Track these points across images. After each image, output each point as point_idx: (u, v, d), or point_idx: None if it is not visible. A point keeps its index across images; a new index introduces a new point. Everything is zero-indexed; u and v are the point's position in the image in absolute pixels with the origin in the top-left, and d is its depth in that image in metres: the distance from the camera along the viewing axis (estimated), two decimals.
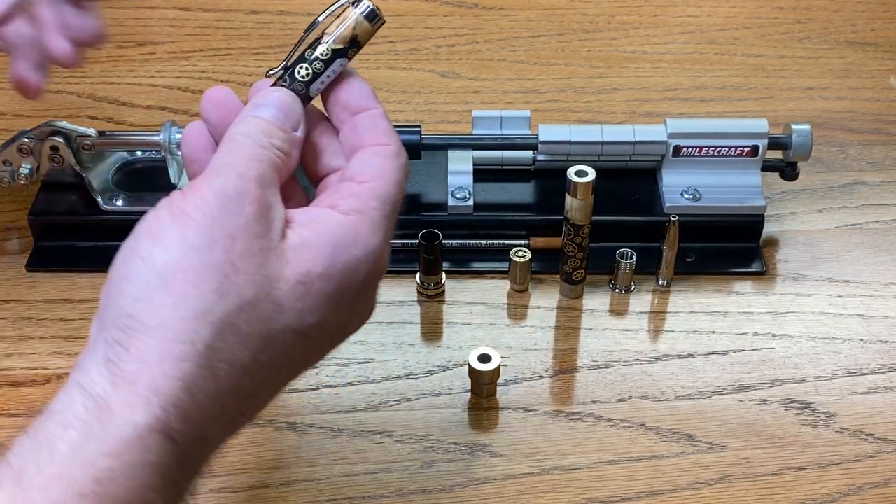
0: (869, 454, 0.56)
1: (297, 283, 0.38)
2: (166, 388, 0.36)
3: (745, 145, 0.67)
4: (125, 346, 0.36)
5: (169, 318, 0.36)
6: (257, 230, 0.38)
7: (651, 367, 0.61)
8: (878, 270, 0.67)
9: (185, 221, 0.38)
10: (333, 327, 0.41)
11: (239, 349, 0.37)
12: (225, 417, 0.39)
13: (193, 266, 0.37)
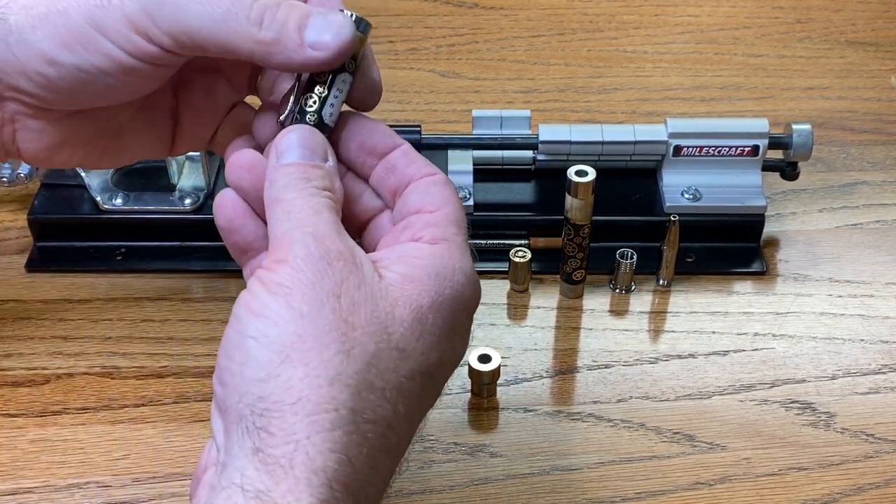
0: (869, 454, 0.56)
1: (413, 320, 0.38)
2: (323, 463, 0.35)
3: (745, 145, 0.67)
4: (268, 430, 0.35)
5: (305, 391, 0.35)
6: (355, 281, 0.38)
7: (651, 367, 0.61)
8: (879, 270, 0.67)
9: (286, 293, 0.37)
10: (450, 359, 0.40)
11: (379, 404, 0.37)
12: (378, 479, 0.38)
13: (310, 333, 0.36)
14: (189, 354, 0.61)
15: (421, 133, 0.67)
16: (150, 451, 0.56)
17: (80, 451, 0.56)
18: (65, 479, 0.54)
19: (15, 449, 0.56)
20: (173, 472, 0.55)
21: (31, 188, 0.70)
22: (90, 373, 0.60)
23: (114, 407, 0.58)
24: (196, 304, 0.64)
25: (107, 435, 0.57)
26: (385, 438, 0.37)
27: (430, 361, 0.38)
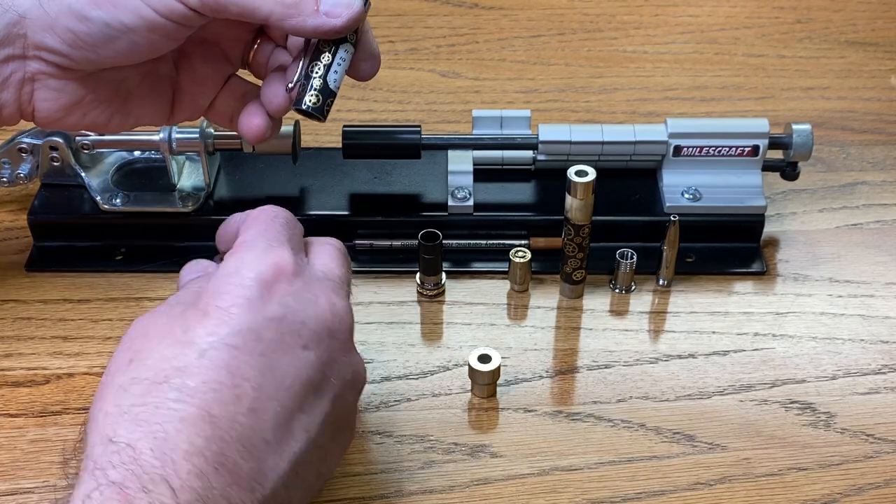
0: (870, 454, 0.56)
1: (195, 314, 0.44)
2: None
3: (745, 145, 0.67)
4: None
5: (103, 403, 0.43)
6: (178, 310, 0.45)
7: (651, 367, 0.61)
8: (879, 270, 0.67)
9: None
10: (272, 330, 0.44)
11: (157, 392, 0.42)
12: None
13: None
14: None
15: (421, 133, 0.67)
16: None
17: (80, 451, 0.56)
18: (65, 479, 0.54)
19: (15, 449, 0.56)
20: None
21: (31, 188, 0.70)
22: (90, 373, 0.60)
23: None
24: None
25: None
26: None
27: (222, 334, 0.43)
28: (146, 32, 0.47)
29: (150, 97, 0.54)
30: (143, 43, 0.48)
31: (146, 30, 0.47)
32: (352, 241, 0.67)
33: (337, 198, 0.69)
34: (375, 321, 0.63)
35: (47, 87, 0.50)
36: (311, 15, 0.47)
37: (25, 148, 0.67)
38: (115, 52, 0.48)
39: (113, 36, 0.47)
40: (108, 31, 0.47)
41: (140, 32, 0.47)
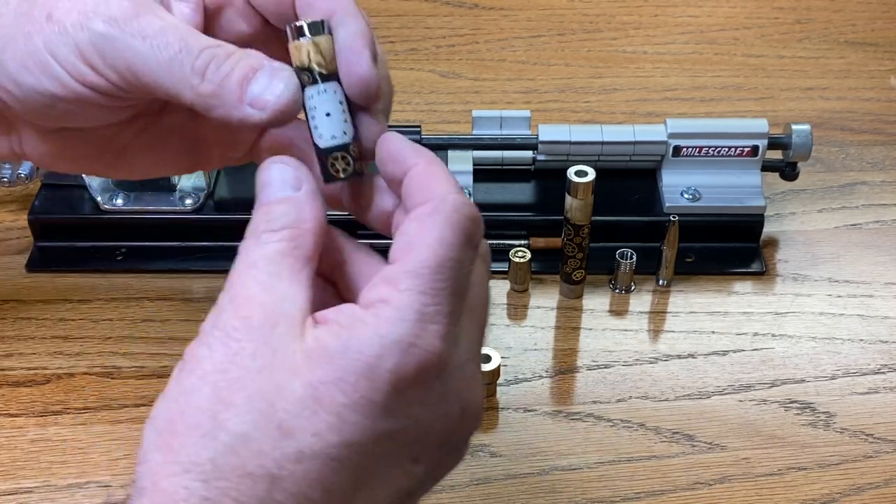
0: (869, 454, 0.56)
1: (305, 395, 0.34)
2: None
3: (745, 145, 0.67)
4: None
5: (161, 478, 0.33)
6: (252, 348, 0.34)
7: (651, 367, 0.61)
8: (878, 270, 0.67)
9: (181, 367, 0.35)
10: (386, 444, 0.35)
11: (246, 490, 0.33)
12: None
13: (182, 414, 0.34)
14: None
15: (421, 133, 0.67)
16: None
17: (80, 451, 0.56)
18: (65, 479, 0.55)
19: (15, 449, 0.56)
20: None
21: (32, 188, 0.70)
22: (90, 373, 0.60)
23: (114, 407, 0.58)
24: (196, 304, 0.64)
25: (107, 435, 0.57)
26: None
27: (330, 443, 0.33)
28: (77, 103, 0.42)
29: (155, 151, 0.47)
30: (81, 112, 0.43)
31: (75, 100, 0.42)
32: None
33: None
34: None
35: (28, 135, 0.46)
36: (234, 106, 0.39)
37: None
38: (57, 118, 0.44)
39: (46, 103, 0.42)
40: (39, 98, 0.42)
41: (71, 102, 0.42)
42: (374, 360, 0.34)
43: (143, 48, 0.40)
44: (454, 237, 0.37)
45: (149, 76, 0.40)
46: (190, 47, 0.40)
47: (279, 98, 0.39)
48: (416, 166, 0.39)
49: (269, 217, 0.38)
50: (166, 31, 0.40)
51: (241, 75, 0.40)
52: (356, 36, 0.41)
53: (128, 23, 0.40)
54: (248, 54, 0.40)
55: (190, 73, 0.40)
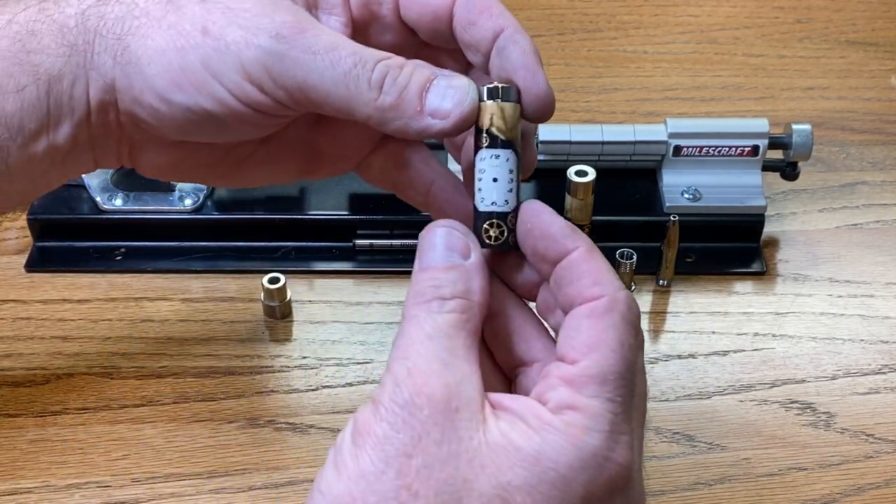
0: (869, 454, 0.56)
1: (494, 496, 0.33)
2: None
3: (745, 145, 0.67)
4: None
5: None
6: (437, 435, 0.33)
7: (651, 367, 0.61)
8: (879, 270, 0.67)
9: (361, 443, 0.34)
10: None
11: None
12: None
13: (364, 496, 0.33)
14: (189, 354, 0.61)
15: None
16: (149, 451, 0.56)
17: (79, 451, 0.56)
18: (64, 479, 0.54)
19: (14, 449, 0.56)
20: (173, 472, 0.55)
21: None
22: (90, 373, 0.60)
23: (113, 407, 0.58)
24: (196, 304, 0.64)
25: (106, 435, 0.57)
26: None
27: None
28: (232, 120, 0.41)
29: (272, 162, 0.46)
30: (231, 129, 0.42)
31: (231, 118, 0.41)
32: (352, 241, 0.67)
33: (337, 198, 0.69)
34: (375, 321, 0.63)
35: (142, 147, 0.44)
36: (413, 117, 0.39)
37: None
38: (202, 134, 0.42)
39: (196, 120, 0.41)
40: (190, 116, 0.41)
41: (225, 120, 0.41)
42: (568, 473, 0.33)
43: (316, 65, 0.39)
44: (632, 339, 0.36)
45: (321, 93, 0.39)
46: (364, 61, 0.39)
47: (459, 106, 0.39)
48: (576, 251, 0.38)
49: (438, 283, 0.37)
50: (338, 45, 0.39)
51: (420, 86, 0.39)
52: (530, 54, 0.40)
53: (296, 38, 0.39)
54: (420, 64, 0.40)
55: (367, 88, 0.39)
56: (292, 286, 0.64)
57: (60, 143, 0.42)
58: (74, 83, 0.41)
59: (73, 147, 0.43)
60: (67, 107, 0.41)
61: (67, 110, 0.42)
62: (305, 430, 0.57)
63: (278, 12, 0.39)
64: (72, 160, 0.43)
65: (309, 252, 0.67)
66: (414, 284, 0.37)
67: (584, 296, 0.37)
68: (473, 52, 0.42)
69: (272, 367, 0.60)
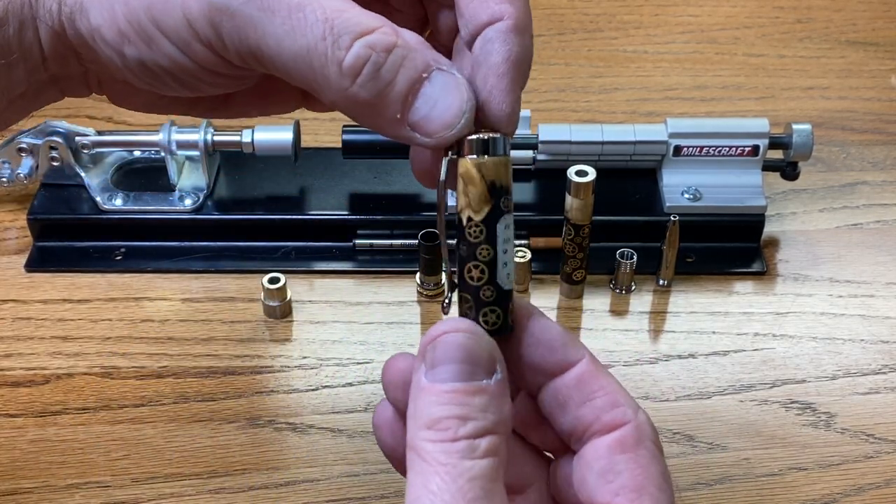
0: (870, 455, 0.56)
1: None
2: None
3: (745, 145, 0.67)
4: None
5: None
6: None
7: (651, 367, 0.61)
8: (879, 270, 0.67)
9: None
10: None
11: None
12: None
13: None
14: (189, 354, 0.61)
15: None
16: (149, 451, 0.56)
17: (79, 451, 0.56)
18: (64, 480, 0.54)
19: (14, 449, 0.56)
20: (173, 472, 0.55)
21: (31, 188, 0.70)
22: (90, 373, 0.60)
23: (113, 407, 0.58)
24: (196, 304, 0.64)
25: (106, 435, 0.57)
26: None
27: None
28: (192, 78, 0.35)
29: (265, 96, 0.40)
30: (197, 85, 0.36)
31: (190, 75, 0.35)
32: (352, 241, 0.67)
33: (337, 198, 0.69)
34: (375, 321, 0.63)
35: (113, 85, 0.39)
36: (390, 123, 0.32)
37: (25, 148, 0.67)
38: (168, 88, 0.37)
39: (155, 75, 0.35)
40: (146, 70, 0.35)
41: (185, 77, 0.35)
42: None
43: (274, 29, 0.31)
44: (665, 467, 0.33)
45: (278, 64, 0.32)
46: (337, 33, 0.30)
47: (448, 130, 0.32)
48: (580, 363, 0.33)
49: (463, 413, 0.30)
50: (303, 4, 0.30)
51: (407, 86, 0.31)
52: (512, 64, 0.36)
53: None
54: (412, 47, 0.32)
55: (336, 72, 0.31)
56: (292, 286, 0.64)
57: (15, 82, 0.37)
58: (21, 29, 0.36)
59: (32, 85, 0.38)
60: (18, 51, 0.37)
61: (18, 55, 0.37)
62: (305, 430, 0.57)
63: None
64: (32, 95, 0.39)
65: (309, 252, 0.67)
66: (426, 406, 0.30)
67: (602, 421, 0.33)
68: (463, 24, 0.35)
69: (272, 367, 0.60)
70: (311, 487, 0.54)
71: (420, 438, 0.30)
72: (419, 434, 0.30)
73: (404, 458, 0.32)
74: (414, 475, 0.31)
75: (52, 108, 0.80)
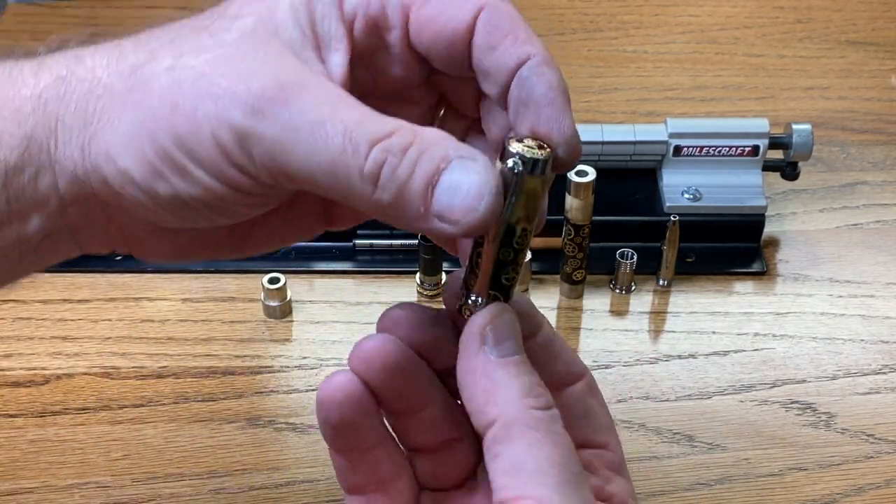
0: (870, 455, 0.56)
1: None
2: None
3: (745, 145, 0.67)
4: None
5: None
6: None
7: (652, 367, 0.61)
8: (879, 270, 0.67)
9: None
10: None
11: None
12: None
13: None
14: (189, 354, 0.61)
15: None
16: (149, 451, 0.56)
17: (79, 451, 0.56)
18: (64, 480, 0.54)
19: (14, 449, 0.56)
20: (173, 472, 0.55)
21: None
22: (90, 373, 0.60)
23: (113, 407, 0.58)
24: (196, 304, 0.64)
25: (106, 435, 0.57)
26: None
27: None
28: (225, 203, 0.35)
29: (287, 225, 0.40)
30: (230, 211, 0.36)
31: (223, 201, 0.35)
32: (352, 241, 0.67)
33: None
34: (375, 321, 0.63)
35: (138, 236, 0.39)
36: (416, 218, 0.32)
37: None
38: (199, 220, 0.36)
39: (187, 207, 0.35)
40: (179, 203, 0.35)
41: (217, 204, 0.35)
42: None
43: (300, 146, 0.32)
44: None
45: (308, 178, 0.33)
46: (356, 143, 0.32)
47: (472, 213, 0.32)
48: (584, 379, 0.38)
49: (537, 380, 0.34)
50: (325, 120, 0.32)
51: (425, 181, 0.32)
52: (557, 90, 0.37)
53: (276, 111, 0.32)
54: (430, 143, 0.32)
55: (358, 180, 0.32)
56: (292, 286, 0.64)
57: (30, 234, 0.37)
58: (38, 176, 0.36)
59: (46, 237, 0.37)
60: (33, 199, 0.36)
61: (34, 203, 0.36)
62: (305, 430, 0.57)
63: (259, 74, 0.33)
64: (47, 249, 0.38)
65: (309, 252, 0.67)
66: (508, 376, 0.33)
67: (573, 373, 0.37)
68: (490, 81, 0.36)
69: (272, 367, 0.60)
70: (311, 488, 0.54)
71: (525, 406, 0.33)
72: (522, 403, 0.33)
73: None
74: (526, 444, 0.32)
75: None
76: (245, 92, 0.32)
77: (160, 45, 0.35)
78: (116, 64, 0.35)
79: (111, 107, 0.35)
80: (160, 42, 0.36)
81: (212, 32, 0.35)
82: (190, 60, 0.34)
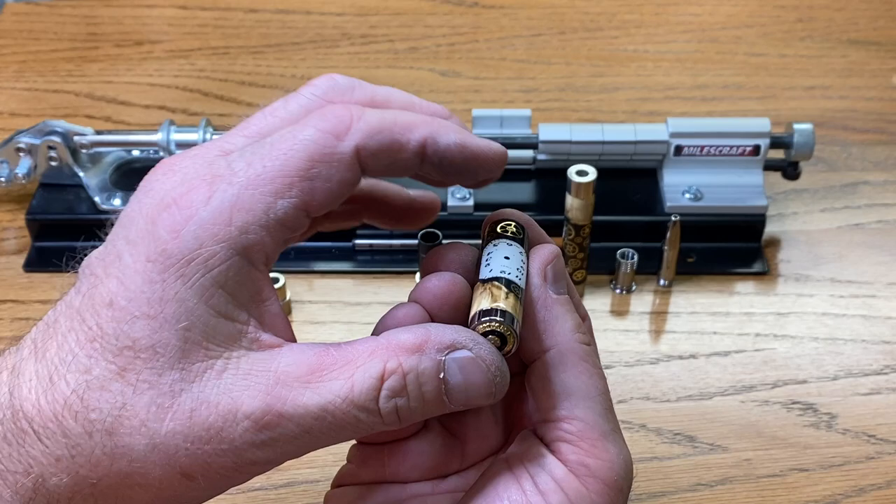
0: (871, 455, 0.56)
1: None
2: None
3: (746, 145, 0.67)
4: None
5: None
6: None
7: (652, 367, 0.61)
8: (881, 271, 0.67)
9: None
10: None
11: None
12: None
13: None
14: None
15: None
16: None
17: None
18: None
19: None
20: None
21: (30, 188, 0.70)
22: None
23: None
24: None
25: None
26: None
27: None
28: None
29: None
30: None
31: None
32: (351, 241, 0.67)
33: None
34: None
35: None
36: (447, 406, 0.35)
37: (24, 148, 0.67)
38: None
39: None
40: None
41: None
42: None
43: (315, 440, 0.34)
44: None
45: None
46: (364, 408, 0.34)
47: (490, 394, 0.34)
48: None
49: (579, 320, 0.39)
50: (324, 415, 0.33)
51: (437, 395, 0.34)
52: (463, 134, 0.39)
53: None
54: (422, 363, 0.34)
55: (383, 424, 0.34)
56: (291, 286, 0.64)
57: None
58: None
59: None
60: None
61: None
62: None
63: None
64: None
65: (309, 252, 0.67)
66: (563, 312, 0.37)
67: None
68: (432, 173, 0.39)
69: None
70: (311, 488, 0.54)
71: (576, 341, 0.36)
72: (574, 336, 0.36)
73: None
74: (577, 372, 0.36)
75: (51, 107, 0.80)
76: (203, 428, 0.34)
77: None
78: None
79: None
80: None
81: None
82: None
